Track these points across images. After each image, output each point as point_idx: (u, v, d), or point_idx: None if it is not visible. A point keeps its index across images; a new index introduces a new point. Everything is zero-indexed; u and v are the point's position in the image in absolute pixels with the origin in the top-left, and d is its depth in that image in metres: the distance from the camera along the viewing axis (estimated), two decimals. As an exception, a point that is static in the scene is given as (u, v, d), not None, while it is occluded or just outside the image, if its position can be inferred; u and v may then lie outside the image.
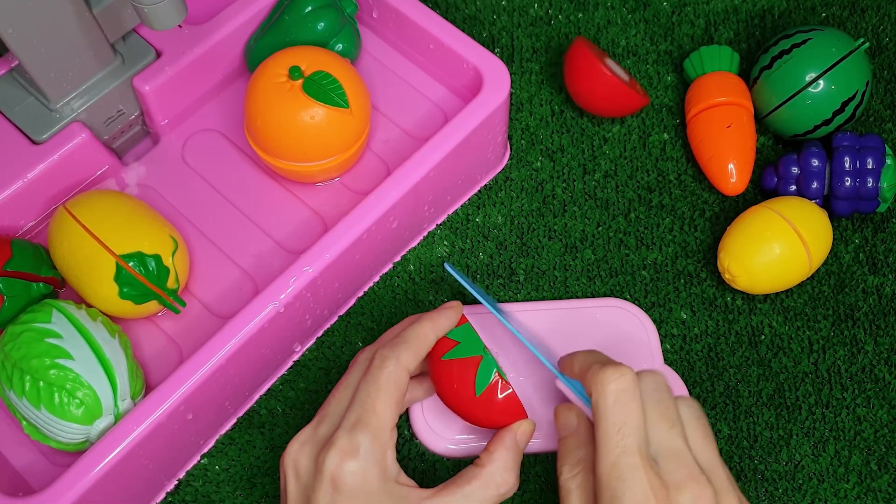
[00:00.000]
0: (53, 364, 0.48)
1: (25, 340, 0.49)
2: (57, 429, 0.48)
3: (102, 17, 0.55)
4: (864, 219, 0.64)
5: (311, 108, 0.55)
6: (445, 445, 0.55)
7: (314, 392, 0.57)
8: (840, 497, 0.55)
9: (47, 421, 0.48)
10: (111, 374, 0.49)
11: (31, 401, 0.48)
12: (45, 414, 0.48)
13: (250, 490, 0.55)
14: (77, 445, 0.50)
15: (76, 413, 0.48)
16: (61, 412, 0.48)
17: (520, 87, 0.69)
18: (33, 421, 0.49)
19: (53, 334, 0.49)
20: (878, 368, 0.59)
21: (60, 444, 0.50)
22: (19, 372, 0.48)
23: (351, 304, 0.60)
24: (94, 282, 0.52)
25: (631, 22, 0.72)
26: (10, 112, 0.57)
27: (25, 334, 0.49)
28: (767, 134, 0.68)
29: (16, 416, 0.50)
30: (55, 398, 0.48)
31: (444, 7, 0.72)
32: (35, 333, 0.49)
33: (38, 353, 0.48)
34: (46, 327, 0.49)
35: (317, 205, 0.61)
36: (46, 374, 0.48)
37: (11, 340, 0.49)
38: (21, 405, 0.48)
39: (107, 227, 0.53)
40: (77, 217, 0.53)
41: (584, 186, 0.65)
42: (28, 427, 0.50)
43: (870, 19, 0.73)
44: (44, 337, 0.49)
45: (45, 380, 0.48)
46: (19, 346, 0.49)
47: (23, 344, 0.49)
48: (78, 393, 0.48)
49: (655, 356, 0.58)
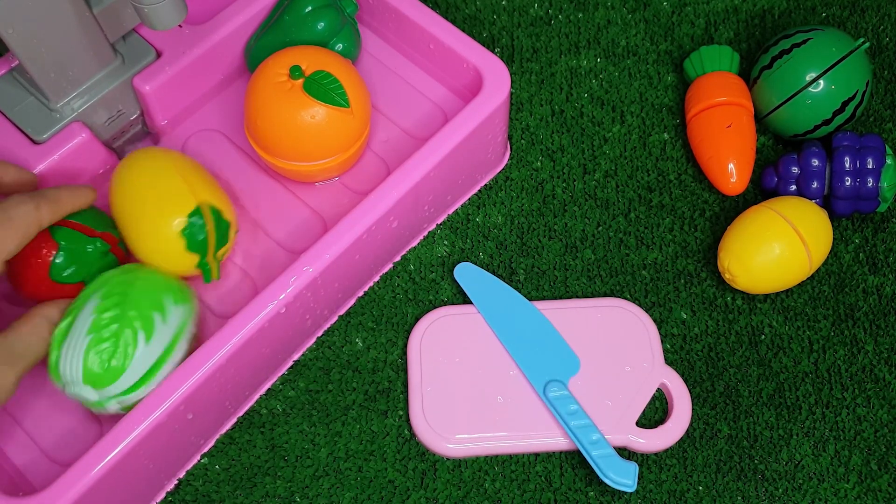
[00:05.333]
0: (132, 326, 0.48)
1: (146, 293, 0.50)
2: (72, 366, 0.48)
3: (102, 17, 0.55)
4: (864, 219, 0.64)
5: (312, 108, 0.55)
6: (445, 445, 0.55)
7: (314, 392, 0.57)
8: (840, 497, 0.55)
9: (75, 355, 0.48)
10: (147, 378, 0.49)
11: (93, 327, 0.48)
12: (81, 343, 0.48)
13: (250, 490, 0.55)
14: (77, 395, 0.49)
15: (95, 366, 0.48)
16: (91, 355, 0.48)
17: (520, 87, 0.69)
18: (67, 351, 0.48)
19: (161, 312, 0.50)
20: (878, 368, 0.59)
21: (58, 380, 0.49)
22: (117, 299, 0.49)
23: (351, 304, 0.60)
24: (160, 228, 0.52)
25: (631, 22, 0.72)
26: (10, 112, 0.57)
27: (152, 293, 0.50)
28: (767, 134, 0.68)
29: (52, 345, 0.49)
30: (102, 344, 0.48)
31: (444, 7, 0.72)
32: (153, 302, 0.50)
33: (139, 306, 0.49)
34: (164, 304, 0.50)
35: (317, 205, 0.61)
36: (125, 323, 0.48)
37: (144, 279, 0.50)
38: (80, 327, 0.48)
39: (184, 172, 0.53)
40: (149, 161, 0.53)
41: (584, 186, 0.65)
42: (57, 352, 0.49)
43: (870, 19, 0.73)
44: (153, 310, 0.50)
45: (119, 322, 0.48)
46: (142, 289, 0.50)
47: (143, 293, 0.50)
48: (114, 360, 0.48)
49: (655, 356, 0.58)
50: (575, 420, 0.54)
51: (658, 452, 0.56)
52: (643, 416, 0.57)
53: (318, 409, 0.57)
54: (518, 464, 0.56)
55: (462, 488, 0.55)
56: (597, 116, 0.68)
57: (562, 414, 0.55)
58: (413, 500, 0.55)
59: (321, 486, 0.55)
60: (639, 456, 0.56)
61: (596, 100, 0.69)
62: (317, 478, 0.55)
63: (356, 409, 0.57)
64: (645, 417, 0.57)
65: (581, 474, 0.55)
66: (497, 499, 0.55)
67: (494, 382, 0.57)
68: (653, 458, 0.56)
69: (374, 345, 0.59)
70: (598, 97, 0.69)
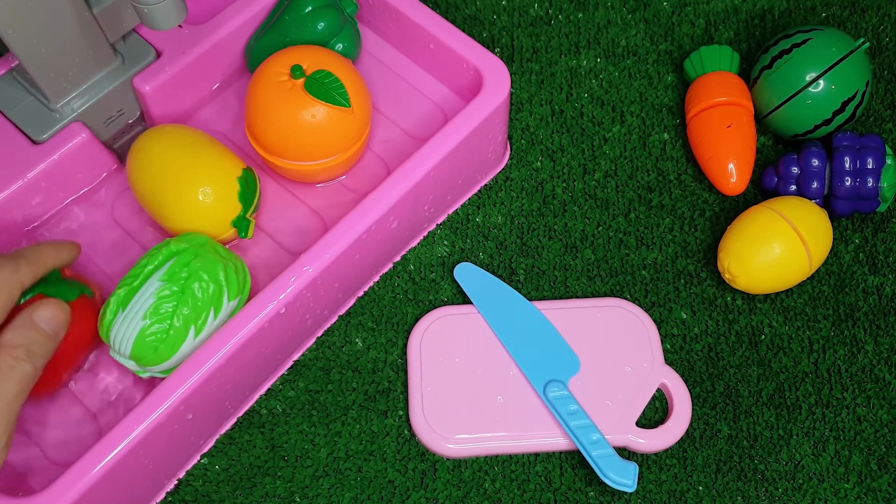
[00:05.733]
0: (186, 323, 0.50)
1: (207, 288, 0.51)
2: (123, 340, 0.50)
3: (102, 17, 0.55)
4: (864, 219, 0.64)
5: (313, 107, 0.55)
6: (445, 445, 0.55)
7: (314, 392, 0.57)
8: (840, 497, 0.55)
9: (128, 332, 0.50)
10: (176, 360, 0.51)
11: (150, 312, 0.50)
12: (136, 323, 0.50)
13: (250, 490, 0.55)
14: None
15: (144, 348, 0.50)
16: (143, 338, 0.50)
17: (520, 87, 0.69)
18: (122, 324, 0.50)
19: (216, 309, 0.51)
20: (878, 368, 0.59)
21: (106, 341, 0.51)
22: (179, 288, 0.50)
23: (351, 304, 0.60)
24: (219, 177, 0.55)
25: (631, 22, 0.72)
26: (10, 112, 0.57)
27: (212, 288, 0.51)
28: (767, 134, 0.68)
29: (108, 308, 0.51)
30: (155, 332, 0.50)
31: (444, 7, 0.72)
32: (211, 300, 0.51)
33: (197, 302, 0.50)
34: (221, 302, 0.51)
35: (317, 205, 0.61)
36: (180, 317, 0.50)
37: (208, 271, 0.51)
38: (139, 306, 0.50)
39: (212, 145, 0.56)
40: (182, 131, 0.56)
41: (584, 186, 0.65)
42: (115, 307, 0.51)
43: (870, 19, 0.73)
44: (210, 306, 0.51)
45: (175, 316, 0.50)
46: (204, 283, 0.51)
47: (204, 288, 0.51)
48: (162, 347, 0.50)
49: (655, 356, 0.58)
50: (575, 420, 0.54)
51: (658, 452, 0.56)
52: (643, 416, 0.57)
53: (318, 410, 0.57)
54: (518, 464, 0.56)
55: (462, 488, 0.55)
56: (597, 116, 0.68)
57: (562, 414, 0.55)
58: (413, 500, 0.55)
59: (321, 486, 0.55)
60: (639, 456, 0.56)
61: (596, 100, 0.69)
62: (317, 478, 0.55)
63: (356, 410, 0.57)
64: (645, 417, 0.57)
65: (581, 474, 0.55)
66: (497, 499, 0.55)
67: (494, 382, 0.57)
68: (653, 458, 0.56)
69: (374, 345, 0.59)
70: (598, 97, 0.69)
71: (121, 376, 0.55)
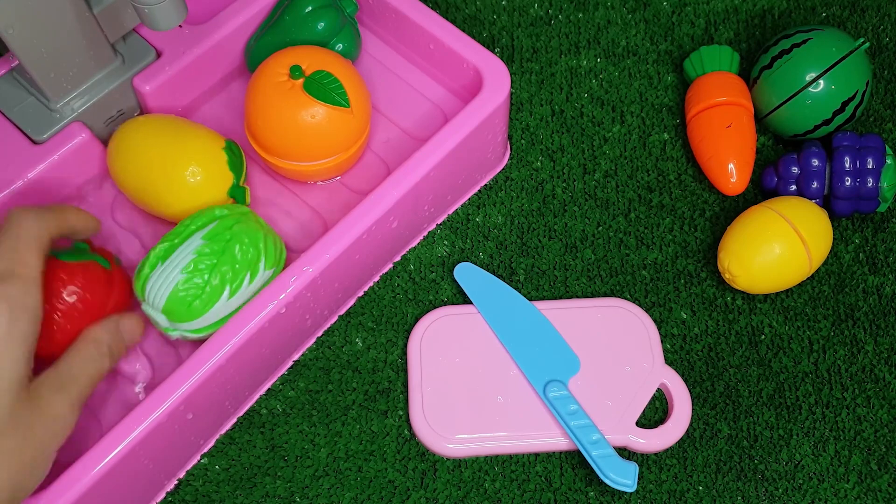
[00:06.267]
0: (222, 281, 0.51)
1: (246, 252, 0.52)
2: (158, 293, 0.51)
3: (103, 17, 0.55)
4: (864, 219, 0.64)
5: (312, 108, 0.55)
6: (445, 445, 0.55)
7: (314, 392, 0.57)
8: (840, 497, 0.55)
9: (164, 285, 0.51)
10: (215, 326, 0.52)
11: (188, 267, 0.50)
12: (173, 277, 0.50)
13: (250, 490, 0.55)
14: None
15: (177, 303, 0.50)
16: (178, 292, 0.50)
17: (520, 87, 0.69)
18: (159, 277, 0.51)
19: (252, 274, 0.52)
20: (878, 368, 0.59)
21: (140, 295, 0.52)
22: (219, 248, 0.51)
23: (351, 304, 0.60)
24: (202, 151, 0.55)
25: (631, 22, 0.72)
26: (10, 112, 0.57)
27: (252, 252, 0.52)
28: (767, 134, 0.68)
29: (146, 262, 0.52)
30: (191, 287, 0.50)
31: (444, 7, 0.72)
32: (249, 263, 0.52)
33: (235, 263, 0.51)
34: (258, 267, 0.52)
35: (317, 205, 0.61)
36: (217, 275, 0.51)
37: (249, 235, 0.52)
38: (178, 261, 0.51)
39: (189, 126, 0.57)
40: (159, 119, 0.57)
41: (584, 186, 0.65)
42: (152, 265, 0.52)
43: (870, 19, 0.73)
44: (247, 270, 0.52)
45: (212, 273, 0.51)
46: (245, 246, 0.52)
47: (244, 251, 0.52)
48: (195, 303, 0.51)
49: (655, 356, 0.58)
50: (575, 420, 0.54)
51: (658, 452, 0.56)
52: (643, 416, 0.57)
53: (318, 409, 0.57)
54: (518, 464, 0.56)
55: (462, 488, 0.55)
56: (597, 116, 0.68)
57: (562, 414, 0.55)
58: (413, 500, 0.55)
59: (321, 486, 0.55)
60: (639, 456, 0.56)
61: (596, 100, 0.69)
62: (317, 478, 0.55)
63: (356, 409, 0.57)
64: (645, 417, 0.57)
65: (581, 474, 0.55)
66: (497, 499, 0.55)
67: (494, 382, 0.57)
68: (653, 458, 0.56)
69: (374, 345, 0.59)
70: (598, 97, 0.69)
71: (121, 375, 0.55)
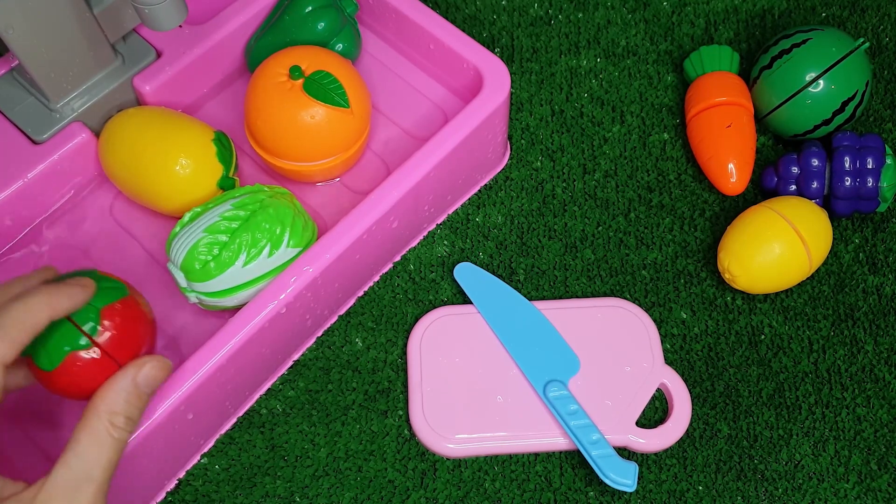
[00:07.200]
0: (240, 244, 0.51)
1: (272, 223, 0.52)
2: (180, 249, 0.52)
3: (103, 17, 0.55)
4: (864, 219, 0.64)
5: (312, 108, 0.55)
6: (445, 445, 0.55)
7: (314, 392, 0.58)
8: (840, 497, 0.55)
9: (186, 241, 0.52)
10: (227, 293, 0.52)
11: (211, 227, 0.51)
12: (196, 234, 0.51)
13: (250, 490, 0.55)
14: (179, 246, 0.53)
15: (193, 260, 0.51)
16: (196, 249, 0.51)
17: (520, 87, 0.69)
18: (184, 235, 0.52)
19: (274, 246, 0.52)
20: (878, 368, 0.59)
21: (168, 253, 0.53)
22: (246, 215, 0.52)
23: (351, 303, 0.60)
24: (191, 143, 0.55)
25: (631, 22, 0.72)
26: (10, 112, 0.57)
27: (278, 225, 0.53)
28: (767, 134, 0.68)
29: (181, 221, 0.53)
30: (210, 245, 0.51)
31: (444, 7, 0.72)
32: (272, 234, 0.52)
33: (257, 230, 0.52)
34: (281, 240, 0.53)
35: (317, 205, 0.61)
36: (237, 238, 0.51)
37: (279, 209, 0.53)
38: (204, 220, 0.52)
39: (179, 118, 0.57)
40: (148, 111, 0.57)
41: (584, 186, 0.65)
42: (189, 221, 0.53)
43: (870, 19, 0.73)
44: (268, 240, 0.52)
45: (232, 235, 0.51)
46: (271, 217, 0.52)
47: (271, 221, 0.52)
48: (211, 264, 0.51)
49: (655, 356, 0.58)
50: (575, 420, 0.54)
51: (658, 452, 0.56)
52: (643, 416, 0.57)
53: (318, 409, 0.57)
54: (518, 464, 0.56)
55: (462, 488, 0.55)
56: (597, 116, 0.68)
57: (562, 414, 0.55)
58: (413, 500, 0.55)
59: (321, 486, 0.55)
60: (639, 456, 0.56)
61: (596, 100, 0.69)
62: (317, 478, 0.55)
63: (356, 409, 0.57)
64: (645, 417, 0.57)
65: (581, 474, 0.55)
66: (497, 499, 0.55)
67: (494, 382, 0.57)
68: (653, 458, 0.56)
69: (374, 345, 0.59)
70: (598, 97, 0.69)
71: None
